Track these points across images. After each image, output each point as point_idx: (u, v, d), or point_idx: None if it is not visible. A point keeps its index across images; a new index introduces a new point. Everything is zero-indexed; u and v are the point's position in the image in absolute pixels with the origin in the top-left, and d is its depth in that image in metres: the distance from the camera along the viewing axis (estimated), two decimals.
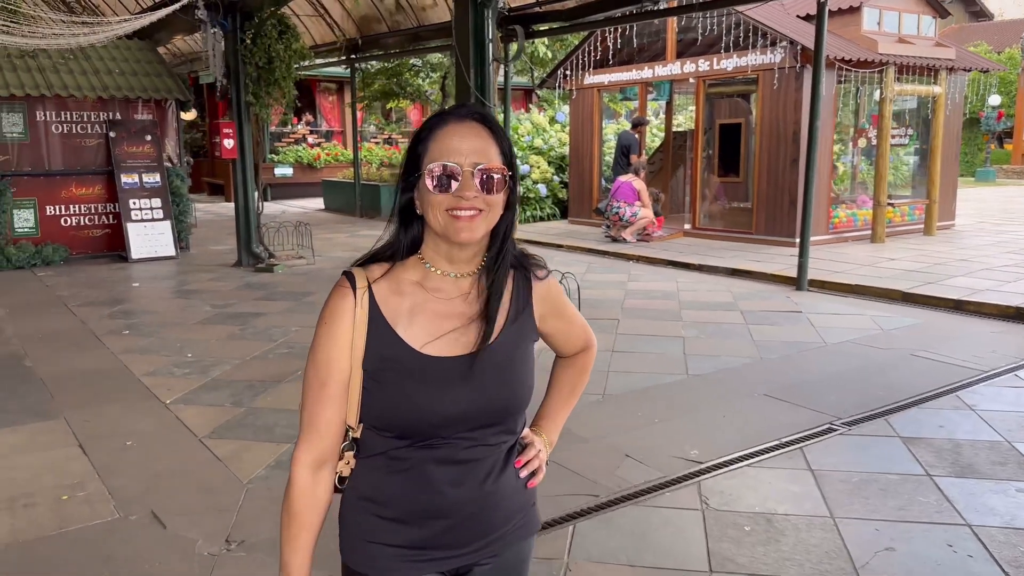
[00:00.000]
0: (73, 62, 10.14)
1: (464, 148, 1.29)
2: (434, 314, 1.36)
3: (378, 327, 1.34)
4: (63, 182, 10.01)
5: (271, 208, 14.97)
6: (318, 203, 17.62)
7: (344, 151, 20.52)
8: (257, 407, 4.74)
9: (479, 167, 1.29)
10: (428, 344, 1.34)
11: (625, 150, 12.11)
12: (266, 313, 7.24)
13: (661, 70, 12.18)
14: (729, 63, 10.94)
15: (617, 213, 11.22)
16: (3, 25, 9.39)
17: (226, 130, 9.43)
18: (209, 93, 18.93)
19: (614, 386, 5.14)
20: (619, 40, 12.55)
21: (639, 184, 11.25)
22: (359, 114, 18.12)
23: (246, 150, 9.63)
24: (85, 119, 10.08)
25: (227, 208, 16.73)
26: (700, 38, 11.15)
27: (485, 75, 5.62)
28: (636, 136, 12.57)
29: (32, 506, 3.43)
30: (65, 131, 9.95)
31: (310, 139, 20.51)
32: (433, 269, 1.37)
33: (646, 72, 12.38)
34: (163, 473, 3.79)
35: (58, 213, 10.01)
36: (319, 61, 14.39)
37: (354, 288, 1.35)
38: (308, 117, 20.59)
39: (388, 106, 20.00)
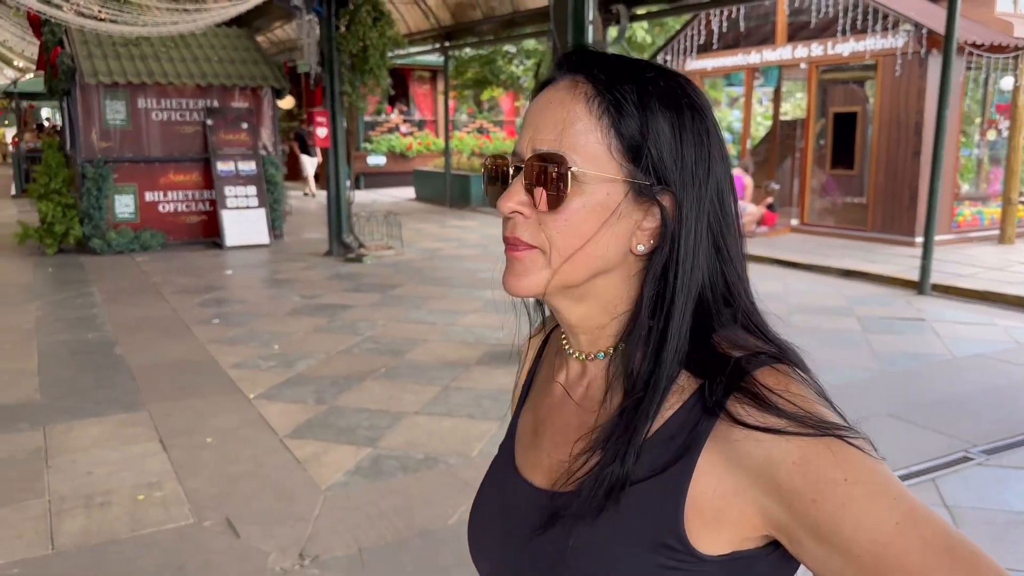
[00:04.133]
0: (174, 50, 10.29)
1: (530, 125, 0.75)
2: (548, 407, 0.85)
3: (522, 397, 0.93)
4: (162, 169, 10.19)
5: (363, 197, 15.01)
6: (409, 192, 17.59)
7: (436, 140, 20.46)
8: (339, 405, 4.54)
9: (532, 153, 0.73)
10: (522, 449, 0.86)
11: None
12: (354, 306, 7.09)
13: (770, 55, 11.48)
14: (845, 47, 10.17)
15: None
16: (113, 14, 9.61)
17: (319, 119, 9.37)
18: (306, 82, 19.22)
19: None
20: (725, 23, 11.89)
21: (748, 180, 10.66)
22: (451, 103, 18.02)
23: (339, 139, 9.56)
24: (184, 107, 10.22)
25: (321, 196, 16.93)
26: (813, 21, 10.42)
27: None
28: None
29: (108, 505, 3.30)
30: (165, 118, 10.12)
31: (403, 128, 20.55)
32: (563, 338, 0.85)
33: (753, 57, 11.69)
34: (240, 475, 3.61)
35: (157, 199, 10.21)
36: (413, 49, 14.29)
37: (543, 323, 0.94)
38: (401, 106, 20.63)
39: (483, 96, 19.81)
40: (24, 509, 3.27)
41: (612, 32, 9.17)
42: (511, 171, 0.75)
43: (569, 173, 0.70)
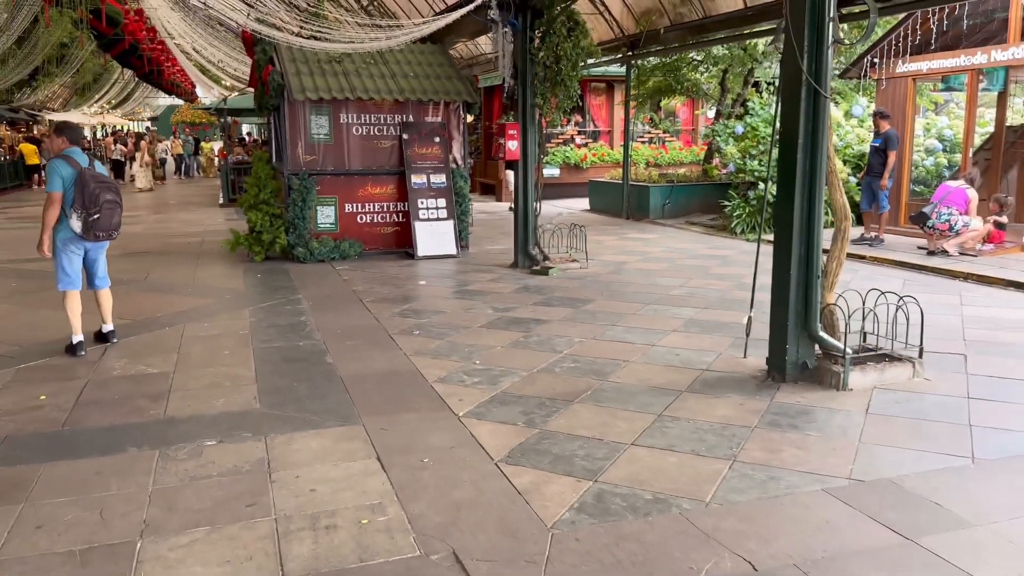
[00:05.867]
0: (373, 66, 10.67)
1: None
2: None
3: None
4: (360, 181, 10.57)
5: (544, 209, 14.93)
6: (582, 203, 17.39)
7: (610, 151, 20.17)
8: (551, 430, 4.32)
9: None
10: None
11: (882, 150, 10.44)
12: (547, 320, 6.92)
13: (999, 55, 10.24)
14: None
15: (947, 221, 9.59)
16: (317, 31, 10.10)
17: (511, 131, 9.34)
18: (484, 95, 19.53)
19: (985, 447, 4.05)
20: (945, 21, 10.76)
21: (972, 193, 9.55)
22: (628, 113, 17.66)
23: (529, 152, 9.48)
24: (382, 121, 10.56)
25: (499, 208, 17.12)
26: None
27: (821, 60, 4.75)
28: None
29: (333, 528, 3.24)
30: (364, 133, 10.49)
31: (577, 139, 20.43)
32: None
33: (979, 57, 10.48)
34: (461, 503, 3.46)
35: (355, 211, 10.60)
36: (591, 61, 14.08)
37: None
38: (577, 117, 20.53)
39: (662, 103, 19.30)
40: (253, 527, 3.27)
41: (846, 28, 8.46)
42: None
43: None
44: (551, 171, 19.00)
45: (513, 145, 9.35)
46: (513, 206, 15.65)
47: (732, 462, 3.87)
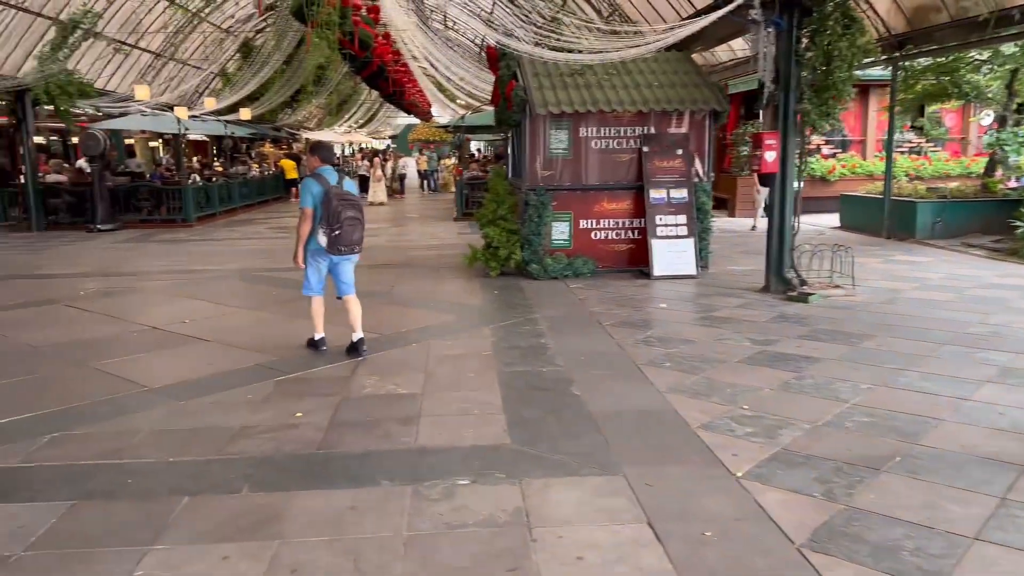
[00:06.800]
0: (616, 77, 10.22)
1: None
2: None
3: None
4: (596, 196, 10.15)
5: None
6: (829, 219, 15.79)
7: (863, 162, 18.27)
8: (859, 507, 3.52)
9: None
10: None
11: None
12: (819, 359, 6.00)
13: None
14: None
15: None
16: (561, 43, 9.84)
17: (768, 141, 8.45)
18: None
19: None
20: None
21: None
22: (883, 120, 15.81)
23: (788, 164, 8.55)
24: (621, 134, 10.07)
25: (732, 224, 16.02)
26: None
27: None
28: None
29: None
30: (603, 146, 10.06)
31: (824, 149, 18.74)
32: None
33: None
34: None
35: (589, 227, 10.20)
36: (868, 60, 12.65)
37: None
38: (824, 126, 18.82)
39: (929, 108, 17.17)
40: None
41: None
42: None
43: None
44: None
45: (771, 156, 8.45)
46: (756, 223, 14.69)
47: None
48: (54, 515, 3.57)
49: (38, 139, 18.73)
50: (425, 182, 31.47)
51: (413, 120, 46.57)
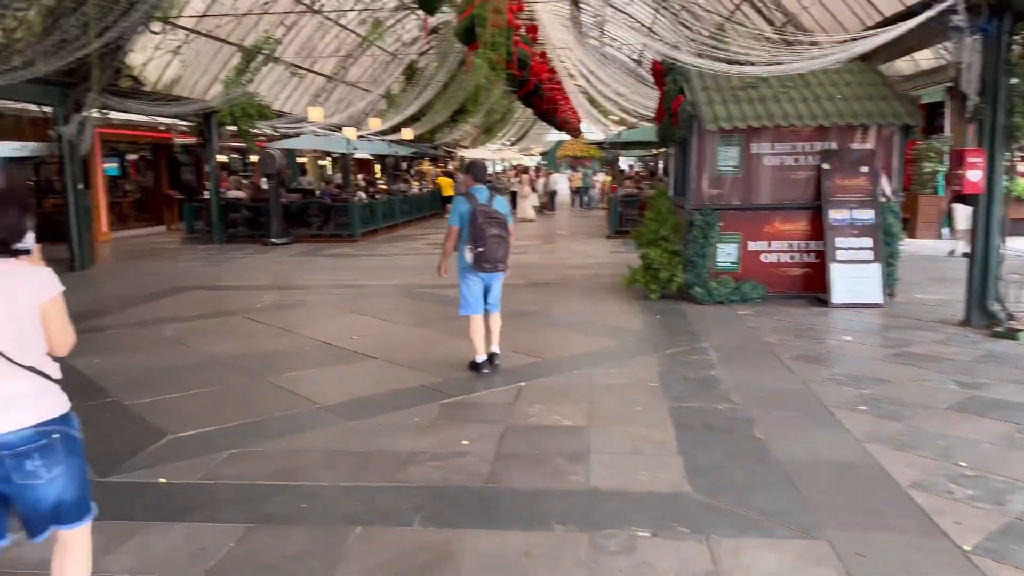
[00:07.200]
0: (793, 90, 9.58)
1: None
2: None
3: None
4: (767, 216, 9.53)
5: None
6: None
7: None
8: None
9: None
10: None
11: None
12: None
13: None
14: None
15: None
16: (732, 53, 9.35)
17: (972, 159, 7.57)
18: None
19: None
20: None
21: None
22: None
23: (995, 183, 7.62)
24: (798, 150, 9.41)
25: (914, 246, 14.68)
26: None
27: None
28: None
29: None
30: (777, 163, 9.44)
31: (1020, 167, 16.88)
32: None
33: None
34: None
35: (759, 249, 9.58)
36: None
37: None
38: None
39: None
40: None
41: None
42: None
43: None
44: None
45: (976, 175, 7.56)
46: (954, 249, 13.33)
47: None
48: (232, 538, 3.59)
49: (220, 157, 20.18)
50: (579, 199, 31.18)
51: (563, 136, 46.80)
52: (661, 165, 31.57)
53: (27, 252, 2.49)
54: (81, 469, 2.64)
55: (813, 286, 9.48)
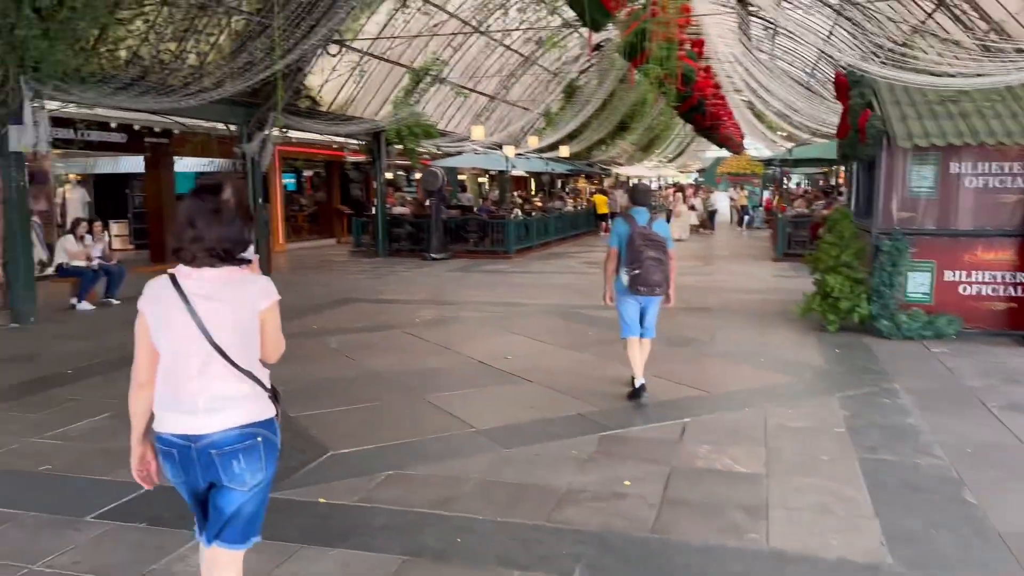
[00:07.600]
0: (1000, 104, 8.53)
1: None
2: None
3: None
4: (967, 244, 8.52)
5: None
6: None
7: None
8: None
9: None
10: None
11: None
12: None
13: None
14: None
15: None
16: (923, 64, 8.49)
17: None
18: None
19: None
20: None
21: None
22: None
23: None
24: (1005, 171, 8.36)
25: None
26: None
27: None
28: None
29: None
30: (980, 185, 8.43)
31: None
32: None
33: None
34: None
35: (957, 279, 8.58)
36: None
37: None
38: None
39: None
40: None
41: None
42: None
43: None
44: None
45: None
46: None
47: None
48: (385, 571, 3.45)
49: (387, 175, 20.97)
50: (743, 218, 29.65)
51: (722, 153, 45.24)
52: (833, 182, 29.68)
53: (248, 262, 2.54)
54: (269, 483, 2.58)
55: (1020, 323, 8.36)
